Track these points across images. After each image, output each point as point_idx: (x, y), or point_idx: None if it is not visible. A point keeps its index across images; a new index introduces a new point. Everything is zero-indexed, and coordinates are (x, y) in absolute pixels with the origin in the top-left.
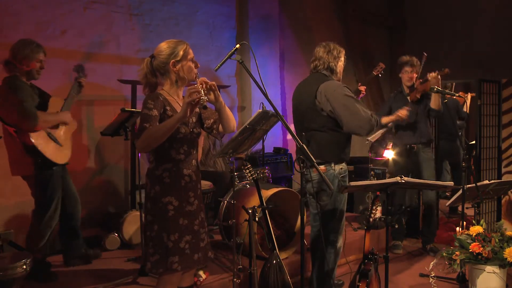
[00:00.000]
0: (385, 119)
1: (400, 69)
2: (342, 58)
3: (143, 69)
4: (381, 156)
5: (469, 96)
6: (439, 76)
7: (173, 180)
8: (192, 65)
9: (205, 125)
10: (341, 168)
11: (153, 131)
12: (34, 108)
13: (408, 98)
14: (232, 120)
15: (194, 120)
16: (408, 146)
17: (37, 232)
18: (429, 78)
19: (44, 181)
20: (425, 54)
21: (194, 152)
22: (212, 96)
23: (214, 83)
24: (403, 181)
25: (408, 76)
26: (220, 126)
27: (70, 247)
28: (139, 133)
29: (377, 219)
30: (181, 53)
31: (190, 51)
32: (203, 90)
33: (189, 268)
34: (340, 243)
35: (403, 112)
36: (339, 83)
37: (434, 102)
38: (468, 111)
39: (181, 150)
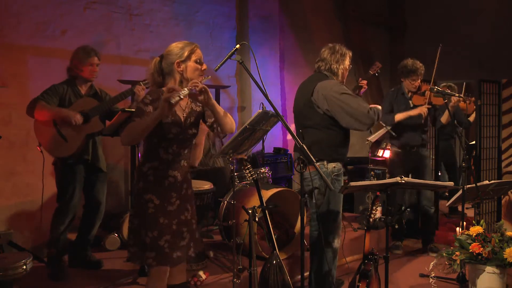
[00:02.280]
0: (400, 116)
1: (405, 75)
2: (346, 61)
3: (150, 69)
4: (380, 156)
5: (473, 115)
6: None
7: (157, 179)
8: (198, 67)
9: (207, 123)
10: (334, 167)
11: (134, 126)
12: (41, 100)
13: (411, 102)
14: (228, 123)
15: (192, 120)
16: (407, 147)
17: (51, 223)
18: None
19: (58, 172)
20: (441, 45)
21: (186, 152)
22: (201, 97)
23: (205, 86)
24: (403, 181)
25: (415, 84)
26: None
27: (75, 251)
28: (126, 125)
29: (377, 219)
30: (185, 53)
31: (198, 52)
32: (183, 91)
33: (164, 265)
34: (336, 243)
35: (424, 110)
36: (336, 81)
37: (446, 118)
38: (472, 120)
39: (170, 150)
